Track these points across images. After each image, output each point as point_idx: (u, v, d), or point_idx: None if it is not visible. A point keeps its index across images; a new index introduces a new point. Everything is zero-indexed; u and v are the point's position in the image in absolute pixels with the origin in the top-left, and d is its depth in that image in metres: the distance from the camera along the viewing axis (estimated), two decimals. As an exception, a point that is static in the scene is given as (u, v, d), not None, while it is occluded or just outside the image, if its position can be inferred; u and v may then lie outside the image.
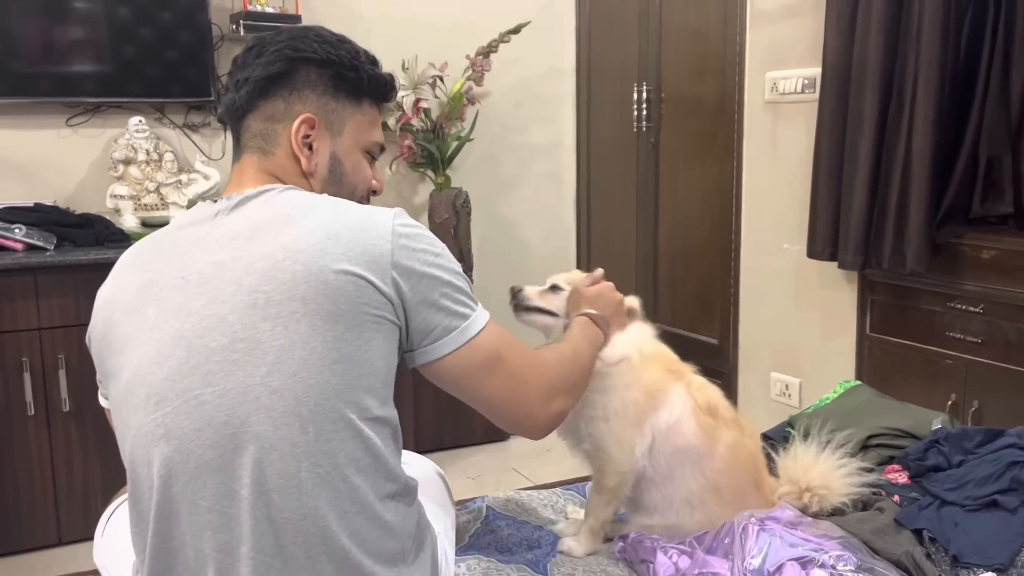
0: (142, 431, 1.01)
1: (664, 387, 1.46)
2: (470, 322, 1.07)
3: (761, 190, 2.98)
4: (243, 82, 1.14)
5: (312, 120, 1.13)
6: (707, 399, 1.48)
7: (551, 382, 1.17)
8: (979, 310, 2.31)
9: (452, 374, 1.09)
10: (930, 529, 1.42)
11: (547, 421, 1.16)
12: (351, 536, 1.00)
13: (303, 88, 1.14)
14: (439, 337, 1.06)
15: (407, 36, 3.36)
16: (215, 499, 0.98)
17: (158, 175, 2.98)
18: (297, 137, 1.13)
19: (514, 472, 3.14)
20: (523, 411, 1.14)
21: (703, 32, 3.17)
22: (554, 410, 1.16)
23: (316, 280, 0.98)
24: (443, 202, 3.33)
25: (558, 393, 1.17)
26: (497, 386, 1.11)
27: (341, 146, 1.17)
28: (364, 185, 1.22)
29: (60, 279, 2.53)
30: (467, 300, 1.08)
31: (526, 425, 1.16)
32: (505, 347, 1.11)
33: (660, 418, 1.44)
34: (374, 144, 1.22)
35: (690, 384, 1.48)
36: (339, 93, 1.16)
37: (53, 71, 2.85)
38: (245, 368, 0.97)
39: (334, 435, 0.98)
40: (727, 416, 1.49)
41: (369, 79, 1.18)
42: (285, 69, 1.13)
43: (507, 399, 1.12)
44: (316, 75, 1.14)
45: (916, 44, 2.31)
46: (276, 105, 1.14)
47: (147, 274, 1.07)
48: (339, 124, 1.16)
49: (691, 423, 1.45)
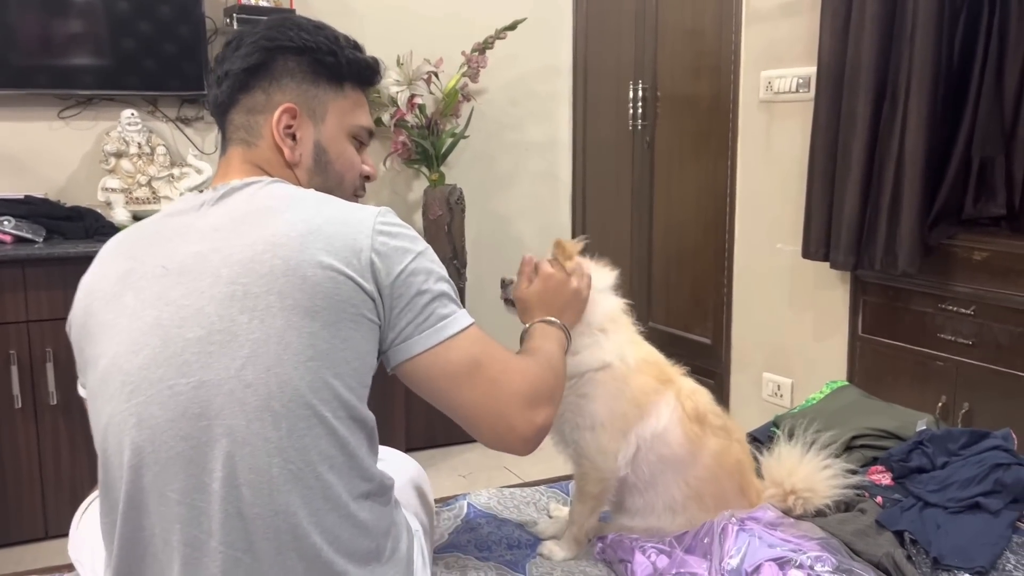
0: (115, 419, 1.00)
1: (654, 398, 1.42)
2: (448, 322, 1.05)
3: (755, 189, 2.97)
4: (224, 76, 1.13)
5: (293, 109, 1.13)
6: (695, 406, 1.44)
7: (533, 390, 1.10)
8: (970, 312, 2.30)
9: (424, 375, 1.05)
10: (912, 531, 1.41)
11: (531, 434, 1.09)
12: (323, 534, 0.99)
13: (282, 77, 1.13)
14: (411, 335, 1.04)
15: (402, 31, 3.36)
16: (185, 491, 0.97)
17: (150, 168, 2.98)
18: (279, 127, 1.12)
19: (505, 470, 3.13)
20: (503, 423, 1.07)
21: (699, 31, 3.16)
22: (538, 422, 1.09)
23: (295, 275, 0.97)
24: (437, 199, 3.32)
25: (541, 403, 1.10)
26: (473, 393, 1.06)
27: (325, 133, 1.16)
28: (352, 172, 1.20)
29: (49, 272, 2.52)
30: (447, 301, 1.06)
31: (508, 438, 1.08)
32: (485, 354, 1.06)
33: (647, 427, 1.41)
34: (360, 128, 1.20)
35: (680, 391, 1.45)
36: (319, 79, 1.15)
37: (49, 63, 2.85)
38: (220, 360, 0.97)
39: (307, 432, 0.97)
40: (715, 423, 1.46)
41: (348, 63, 1.16)
42: (263, 60, 1.12)
43: (485, 408, 1.07)
44: (294, 63, 1.13)
45: (910, 44, 2.31)
46: (256, 97, 1.13)
47: (128, 262, 1.06)
48: (321, 110, 1.15)
49: (677, 431, 1.42)
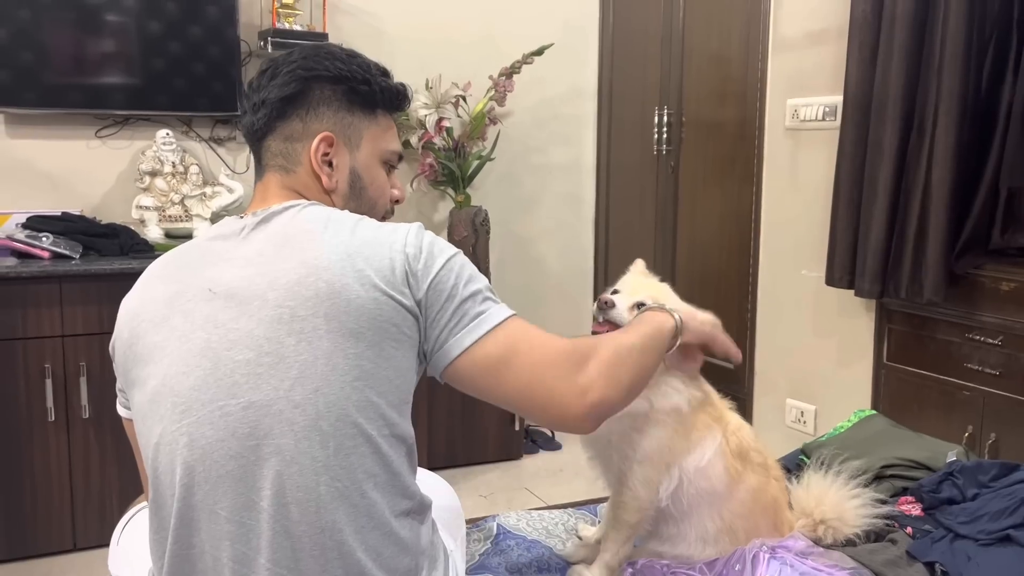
0: (166, 439, 1.03)
1: (703, 434, 1.43)
2: (482, 319, 1.05)
3: (780, 216, 2.98)
4: (260, 104, 1.17)
5: (330, 138, 1.16)
6: (739, 442, 1.45)
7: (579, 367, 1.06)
8: (997, 342, 2.30)
9: (468, 375, 1.06)
10: (942, 562, 1.41)
11: (585, 410, 1.06)
12: (367, 551, 1.01)
13: (319, 106, 1.16)
14: (446, 340, 1.05)
15: (431, 55, 3.41)
16: (235, 509, 1.00)
17: (183, 187, 3.03)
18: (317, 156, 1.16)
19: (526, 491, 3.14)
20: (554, 401, 1.05)
21: (725, 57, 3.19)
22: (591, 398, 1.05)
23: (339, 298, 1.00)
24: (463, 220, 3.36)
25: (594, 381, 1.06)
26: (518, 382, 1.05)
27: (360, 160, 1.19)
28: (384, 197, 1.23)
29: (84, 288, 2.57)
30: (481, 299, 1.07)
31: (563, 417, 1.06)
32: (524, 341, 1.06)
33: (690, 461, 1.42)
34: (391, 153, 1.24)
35: (727, 427, 1.46)
36: (353, 107, 1.18)
37: (84, 83, 2.91)
38: (269, 381, 0.99)
39: (353, 451, 1.00)
40: (756, 460, 1.47)
41: (381, 90, 1.20)
42: (300, 89, 1.16)
43: (531, 391, 1.05)
44: (330, 92, 1.17)
45: (937, 75, 2.32)
46: (294, 125, 1.16)
47: (175, 285, 1.09)
48: (356, 138, 1.19)
49: (719, 467, 1.43)
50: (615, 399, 1.09)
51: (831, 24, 2.72)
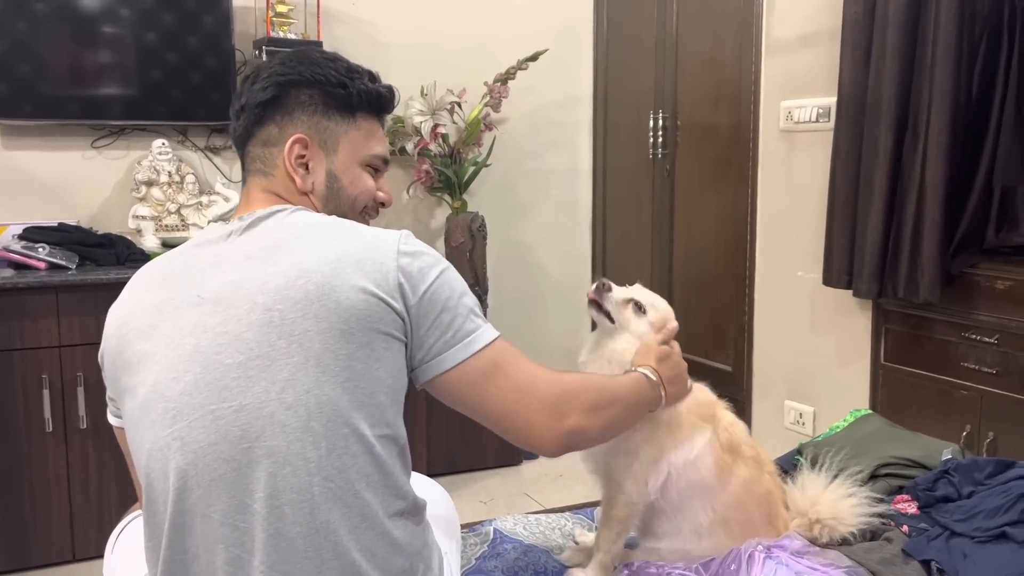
0: (158, 444, 1.03)
1: (692, 433, 1.44)
2: (475, 337, 1.08)
3: (776, 218, 2.99)
4: (241, 110, 1.18)
5: (304, 140, 1.16)
6: (730, 437, 1.46)
7: (561, 396, 1.11)
8: (994, 341, 2.30)
9: (454, 388, 1.08)
10: (938, 560, 1.41)
11: (557, 436, 1.11)
12: (361, 551, 1.01)
13: (294, 111, 1.17)
14: (440, 351, 1.07)
15: (426, 62, 3.42)
16: (228, 512, 1.00)
17: (179, 196, 3.04)
18: (291, 158, 1.16)
19: (526, 497, 3.13)
20: (529, 425, 1.09)
21: (719, 61, 3.20)
22: (566, 426, 1.10)
23: (329, 299, 1.00)
24: (459, 226, 3.37)
25: (571, 409, 1.11)
26: (499, 397, 1.08)
27: (337, 163, 1.19)
28: (365, 196, 1.23)
29: (81, 298, 2.58)
30: (473, 316, 1.09)
31: (534, 440, 1.11)
32: (510, 364, 1.09)
33: (679, 455, 1.43)
34: (374, 157, 1.23)
35: (718, 424, 1.47)
36: (329, 111, 1.18)
37: (80, 94, 2.92)
38: (260, 384, 1.00)
39: (345, 451, 1.00)
40: (747, 454, 1.48)
41: (359, 93, 1.19)
42: (276, 94, 1.16)
43: (509, 411, 1.09)
44: (306, 96, 1.17)
45: (930, 75, 2.33)
46: (270, 130, 1.17)
47: (162, 293, 1.09)
48: (332, 142, 1.19)
49: (708, 460, 1.43)
50: (589, 427, 1.15)
51: (824, 26, 2.73)
